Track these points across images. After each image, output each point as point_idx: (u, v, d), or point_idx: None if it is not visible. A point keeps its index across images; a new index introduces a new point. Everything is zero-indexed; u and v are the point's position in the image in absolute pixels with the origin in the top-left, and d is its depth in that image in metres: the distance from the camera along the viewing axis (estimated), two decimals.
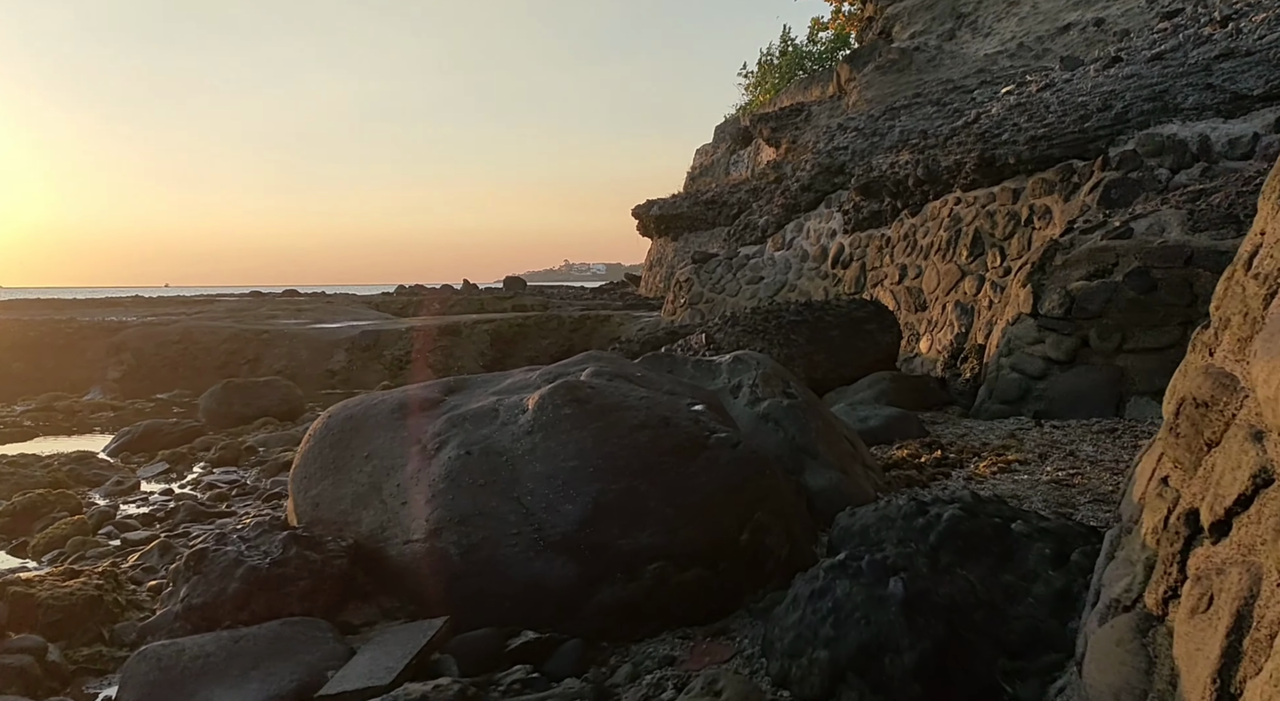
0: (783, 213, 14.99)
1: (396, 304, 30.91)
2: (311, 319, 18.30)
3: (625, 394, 4.33)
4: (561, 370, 4.77)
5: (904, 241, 12.37)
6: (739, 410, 5.49)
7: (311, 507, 4.33)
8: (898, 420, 6.80)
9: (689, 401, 4.64)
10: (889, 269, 12.53)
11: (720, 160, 40.46)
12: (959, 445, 6.31)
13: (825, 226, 14.26)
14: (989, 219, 10.68)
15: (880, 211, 13.00)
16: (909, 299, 11.90)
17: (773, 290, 14.37)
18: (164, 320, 16.75)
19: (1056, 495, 4.82)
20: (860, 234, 13.44)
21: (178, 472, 7.64)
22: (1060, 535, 3.48)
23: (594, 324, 16.74)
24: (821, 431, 5.38)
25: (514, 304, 30.71)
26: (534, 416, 4.08)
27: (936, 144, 11.88)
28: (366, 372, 15.54)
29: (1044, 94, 10.76)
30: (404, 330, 15.97)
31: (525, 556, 3.74)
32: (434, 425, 4.26)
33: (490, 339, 16.06)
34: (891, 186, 12.61)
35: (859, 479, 5.30)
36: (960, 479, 5.37)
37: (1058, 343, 7.31)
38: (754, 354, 6.00)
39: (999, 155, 10.63)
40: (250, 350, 15.61)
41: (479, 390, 4.74)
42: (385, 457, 4.26)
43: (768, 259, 14.91)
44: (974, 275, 10.70)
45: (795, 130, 26.70)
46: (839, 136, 14.68)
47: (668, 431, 4.14)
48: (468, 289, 47.82)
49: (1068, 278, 7.49)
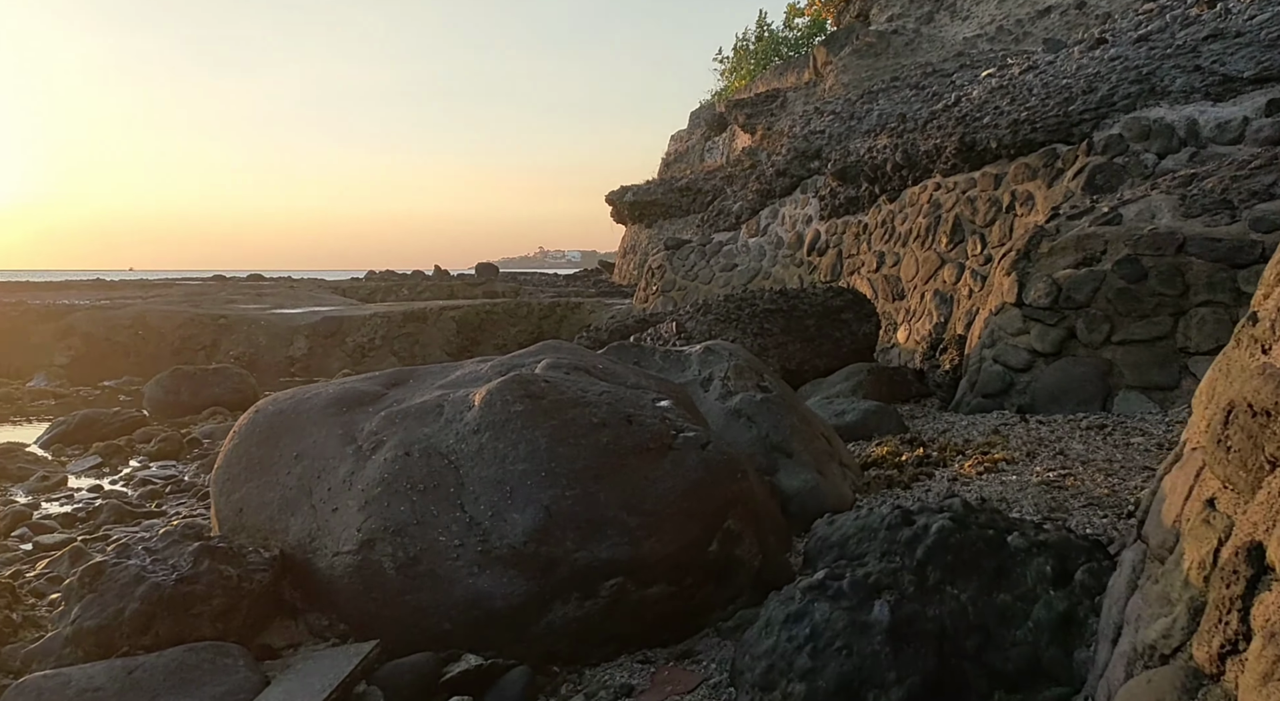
0: (757, 198, 14.62)
1: (365, 289, 30.30)
2: (273, 304, 17.75)
3: (584, 389, 3.94)
4: (515, 361, 4.37)
5: (882, 228, 12.04)
6: (710, 405, 5.12)
7: (235, 514, 3.91)
8: (876, 414, 6.46)
9: (654, 396, 4.26)
10: (866, 257, 12.21)
11: (695, 146, 40.06)
12: (941, 442, 5.97)
13: (801, 213, 13.91)
14: (969, 205, 10.36)
15: (857, 197, 12.66)
16: (886, 287, 11.58)
17: (746, 278, 14.01)
18: (117, 304, 16.15)
19: (1048, 498, 4.49)
20: (837, 220, 13.10)
21: (111, 467, 7.16)
22: (1061, 549, 3.14)
23: (565, 311, 16.32)
24: (797, 428, 5.02)
25: (485, 290, 30.20)
26: (481, 414, 3.69)
27: (915, 128, 11.54)
28: (328, 360, 15.05)
29: (1026, 76, 10.45)
30: (367, 316, 15.48)
31: (468, 571, 3.35)
32: (371, 422, 3.85)
33: (457, 326, 15.60)
34: (869, 171, 12.27)
35: (837, 479, 4.95)
36: (944, 480, 5.03)
37: (1043, 334, 7.00)
38: (726, 344, 5.63)
39: (980, 139, 10.31)
40: (206, 336, 15.07)
41: (425, 383, 4.33)
42: (317, 458, 3.84)
43: (742, 246, 14.54)
44: (954, 263, 10.38)
45: (771, 116, 26.34)
46: (815, 120, 14.32)
47: (630, 430, 3.76)
48: (439, 275, 47.19)
49: (1054, 266, 7.18)
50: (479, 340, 15.77)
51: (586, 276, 40.78)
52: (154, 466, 7.14)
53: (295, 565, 3.63)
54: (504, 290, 31.07)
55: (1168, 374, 6.40)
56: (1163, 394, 6.36)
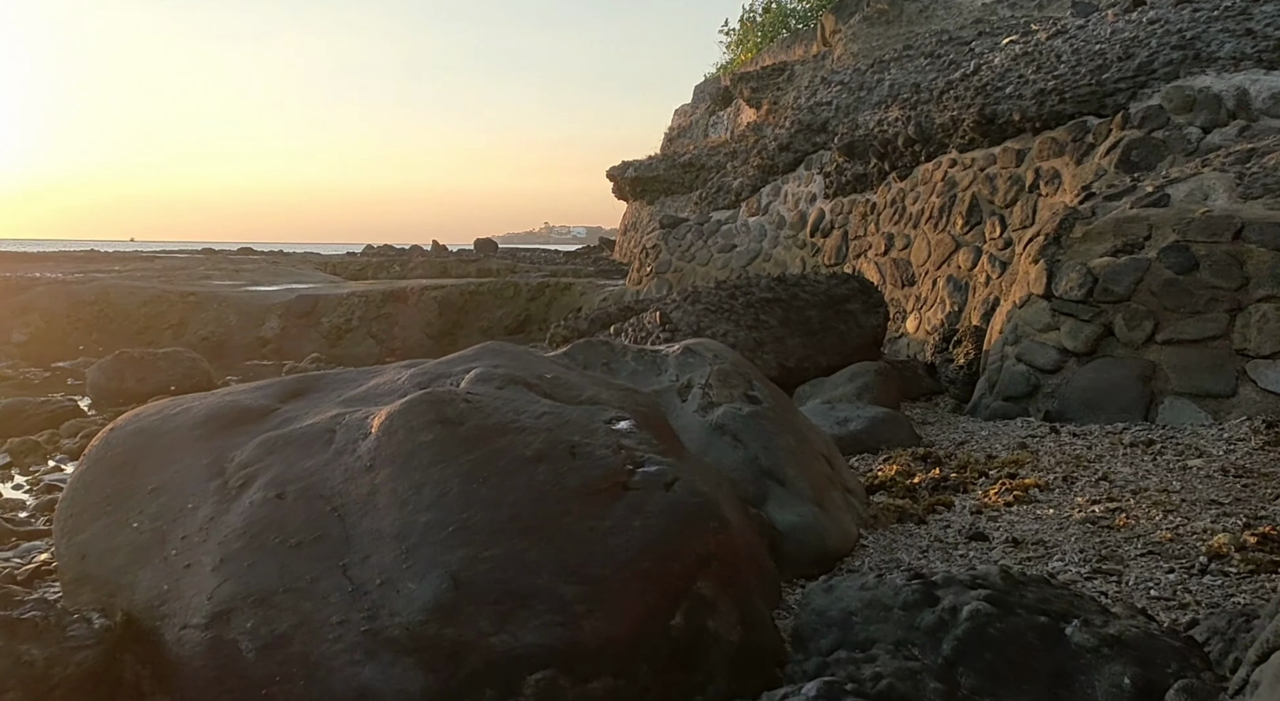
0: (758, 175, 13.72)
1: (355, 265, 29.45)
2: (249, 280, 16.91)
3: (519, 409, 3.11)
4: (441, 370, 3.53)
5: (891, 208, 11.16)
6: (687, 418, 4.29)
7: (78, 560, 3.09)
8: (884, 423, 5.63)
9: (612, 415, 3.43)
10: (874, 238, 11.33)
11: (699, 121, 39.04)
12: (959, 457, 5.14)
13: (805, 190, 13.02)
14: (988, 183, 9.48)
15: (865, 174, 11.77)
16: (895, 272, 10.71)
17: (746, 259, 13.15)
18: (81, 278, 15.32)
19: (1095, 542, 3.67)
20: (843, 199, 12.22)
21: (21, 468, 6.37)
22: (1143, 651, 2.31)
23: (554, 292, 15.47)
24: (792, 448, 4.19)
25: (479, 268, 29.34)
26: (379, 444, 2.86)
27: (930, 99, 10.64)
28: (302, 341, 14.24)
29: (1055, 42, 9.54)
30: (344, 295, 14.65)
31: (350, 658, 2.53)
32: (245, 450, 3.02)
33: (439, 307, 14.77)
34: (879, 146, 11.38)
35: (839, 511, 4.12)
36: (966, 511, 4.21)
37: (1075, 330, 6.15)
38: (710, 343, 4.79)
39: (1001, 111, 9.41)
40: (174, 314, 14.25)
41: (329, 396, 3.50)
42: (178, 494, 3.02)
43: (741, 225, 13.66)
44: (970, 247, 9.52)
45: (777, 90, 25.35)
46: (822, 91, 13.40)
47: (574, 465, 2.93)
48: (437, 250, 46.34)
49: (1089, 252, 6.32)
50: (463, 322, 14.94)
51: (587, 253, 39.93)
52: (70, 468, 6.34)
53: (143, 634, 2.81)
54: (499, 267, 30.19)
55: (1222, 380, 5.55)
56: (1216, 403, 5.52)
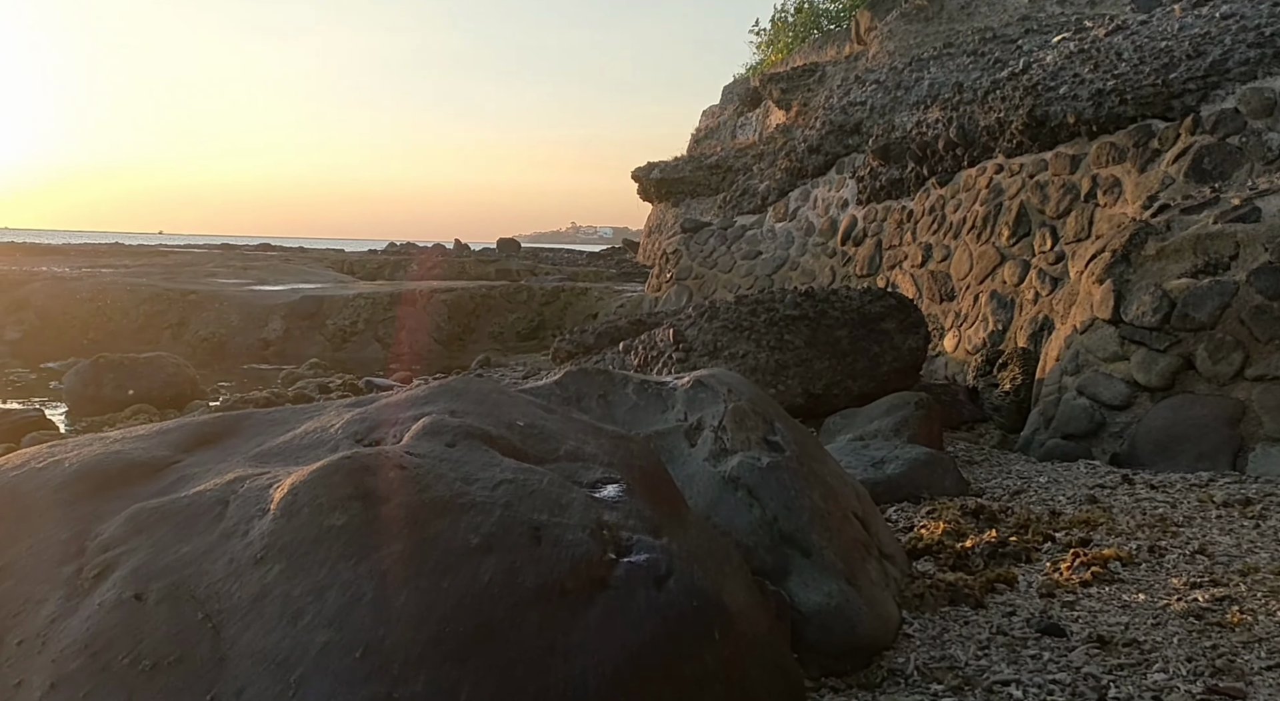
0: (787, 178, 12.97)
1: (372, 263, 28.86)
2: (255, 278, 16.35)
3: (471, 475, 2.39)
4: (386, 416, 2.83)
5: (929, 216, 10.38)
6: (695, 467, 3.57)
7: None
8: (927, 466, 4.87)
9: (596, 478, 2.72)
10: (910, 248, 10.55)
11: (727, 122, 38.32)
12: (1017, 512, 4.38)
13: (836, 195, 12.24)
14: (1038, 191, 8.68)
15: (902, 179, 10.99)
16: (933, 285, 9.93)
17: (771, 267, 12.39)
18: (79, 274, 14.80)
19: (1205, 647, 2.91)
20: (877, 205, 11.44)
21: None
22: None
23: (569, 297, 14.78)
24: (819, 509, 3.45)
25: (499, 268, 28.71)
26: (275, 527, 2.16)
27: (974, 99, 9.85)
28: (305, 344, 13.63)
29: (1114, 39, 8.73)
30: (350, 297, 14.04)
31: None
32: (112, 524, 2.33)
33: (449, 311, 14.12)
34: (917, 150, 10.59)
35: (875, 587, 3.38)
36: (1033, 592, 3.45)
37: (1148, 361, 5.37)
38: (725, 375, 4.06)
39: (1054, 112, 8.62)
40: (173, 313, 13.70)
41: (247, 443, 2.81)
42: (24, 579, 2.34)
43: (767, 231, 12.90)
44: (1016, 260, 8.73)
45: (808, 92, 24.56)
46: (855, 90, 12.62)
47: (537, 555, 2.22)
48: (458, 249, 45.91)
49: (1164, 272, 5.53)
50: (473, 327, 14.29)
51: (610, 255, 39.32)
52: None
53: None
54: (518, 268, 29.54)
55: None
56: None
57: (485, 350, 13.79)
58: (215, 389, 10.40)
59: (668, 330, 6.23)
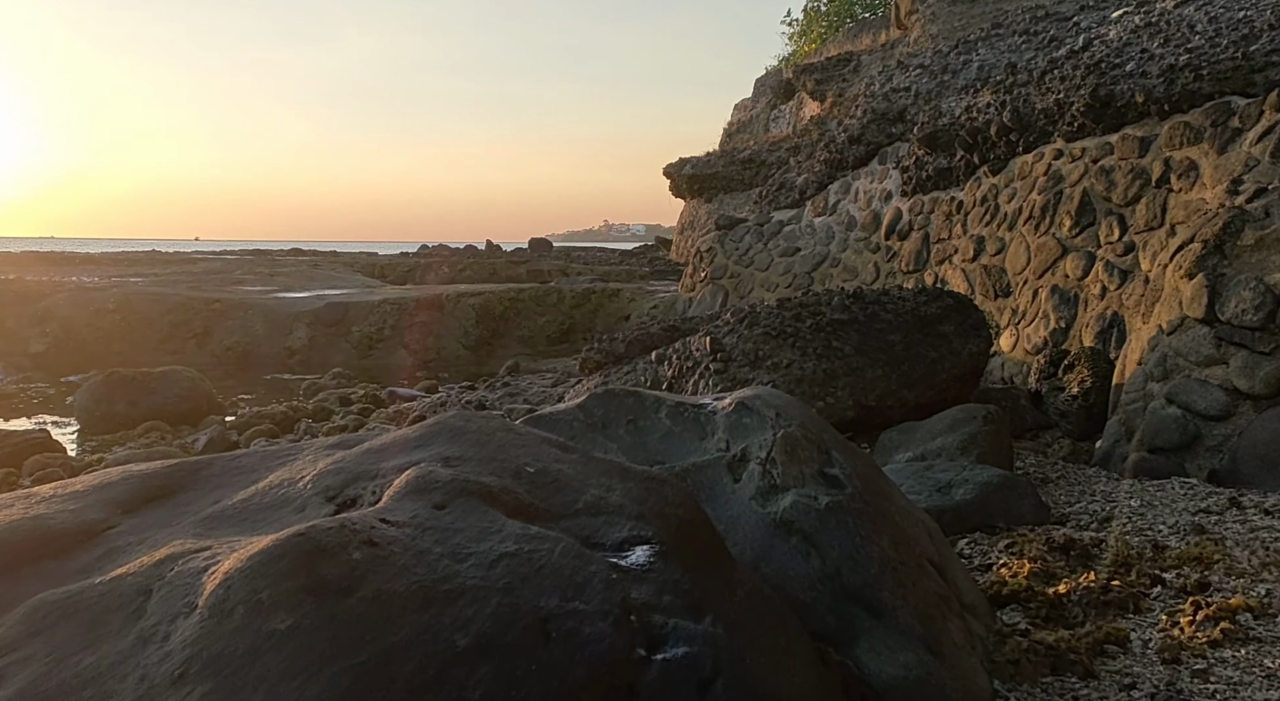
0: (825, 170, 12.36)
1: (403, 267, 28.57)
2: (281, 285, 16.03)
3: (462, 549, 1.89)
4: (366, 466, 2.32)
5: (981, 206, 9.74)
6: (740, 508, 3.04)
7: None
8: (1001, 491, 4.30)
9: (622, 538, 2.21)
10: (960, 242, 9.92)
11: (759, 116, 37.61)
12: (1113, 547, 3.80)
13: (878, 187, 11.62)
14: (1103, 177, 8.03)
15: (950, 168, 10.35)
16: (987, 281, 9.29)
17: (811, 264, 11.80)
18: (107, 284, 14.55)
19: None
20: (923, 197, 10.81)
21: None
22: None
23: (600, 299, 14.28)
24: (890, 559, 2.91)
25: (530, 269, 28.32)
26: (201, 632, 1.66)
27: (1029, 80, 9.19)
28: (331, 351, 13.26)
29: (1185, 10, 8.05)
30: (376, 302, 13.64)
31: None
32: (5, 623, 1.85)
33: (476, 316, 13.67)
34: (966, 136, 9.95)
35: (961, 654, 2.83)
36: (1151, 653, 2.88)
37: (1251, 365, 4.75)
38: (771, 395, 3.52)
39: (1120, 92, 7.96)
40: (198, 322, 13.38)
41: (201, 501, 2.32)
42: None
43: (805, 226, 12.31)
44: (1080, 252, 8.09)
45: (842, 82, 23.88)
46: (898, 76, 11.99)
47: (545, 658, 1.72)
48: (490, 250, 45.62)
49: (1265, 264, 4.91)
50: (502, 332, 13.84)
51: (643, 253, 38.84)
52: None
53: None
54: (549, 269, 29.12)
55: None
56: None
57: (514, 355, 13.34)
58: (235, 401, 10.03)
59: (704, 338, 5.70)
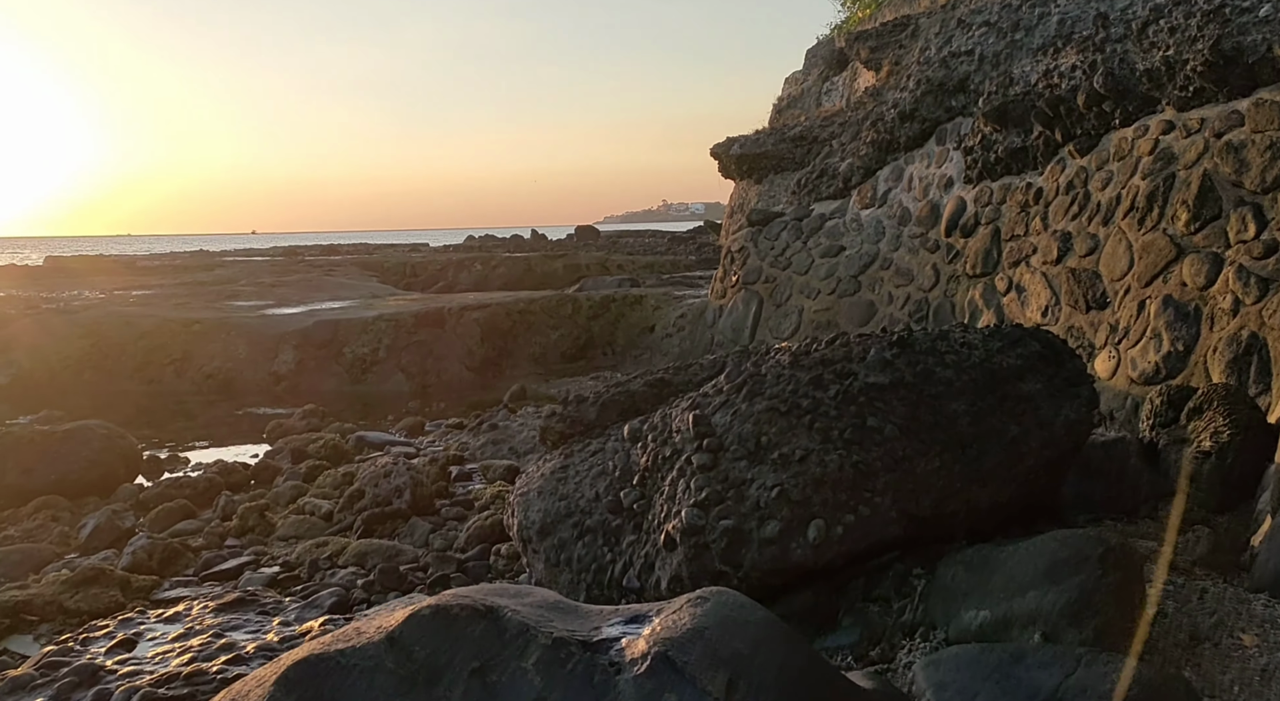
0: (873, 153, 10.53)
1: (434, 266, 27.14)
2: (277, 299, 14.70)
3: None
4: None
5: (1066, 195, 7.87)
6: None
7: None
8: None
9: None
10: (1040, 239, 8.05)
11: (811, 89, 35.36)
12: None
13: (936, 172, 9.76)
14: (1231, 156, 6.15)
15: (1025, 148, 8.47)
16: (1075, 288, 7.44)
17: (857, 267, 10.01)
18: (74, 306, 13.34)
19: None
20: (991, 184, 8.94)
21: None
22: None
23: (621, 308, 12.64)
24: None
25: (567, 263, 26.76)
26: None
27: (1127, 34, 7.28)
28: (321, 376, 11.87)
29: None
30: (370, 320, 12.20)
31: None
32: None
33: (481, 332, 12.16)
34: (1045, 108, 8.07)
35: None
36: None
37: None
38: (733, 622, 1.86)
39: (1251, 44, 6.06)
40: (175, 347, 12.11)
41: None
42: None
43: (851, 221, 10.50)
44: (1202, 253, 6.23)
45: (899, 48, 21.79)
46: (958, 37, 10.08)
47: None
48: (535, 240, 44.27)
49: None
50: (510, 350, 12.30)
51: (694, 238, 37.11)
52: None
53: None
54: (588, 262, 27.50)
55: None
56: None
57: (525, 375, 11.80)
58: (185, 448, 8.64)
59: (686, 414, 4.04)
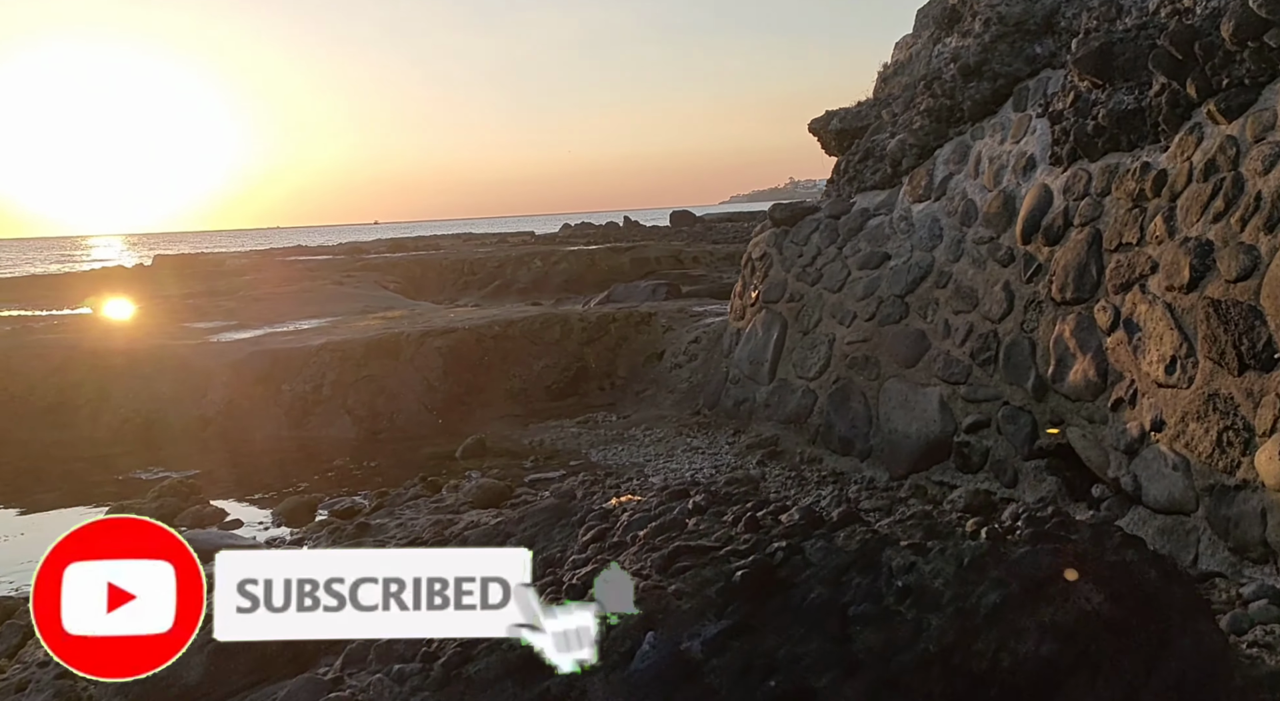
0: (929, 125, 7.66)
1: (492, 262, 24.98)
2: (238, 321, 12.75)
3: None
4: None
5: (1205, 183, 4.90)
6: None
7: None
8: None
9: None
10: (1162, 249, 5.10)
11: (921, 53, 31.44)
12: None
13: (1014, 149, 6.83)
14: None
15: (1140, 110, 5.51)
16: (1221, 332, 4.51)
17: (905, 284, 7.18)
18: None
19: None
20: (1089, 165, 5.98)
21: None
22: None
23: (624, 330, 10.09)
24: None
25: (634, 258, 24.24)
26: None
27: None
28: (256, 420, 9.79)
29: None
30: (314, 350, 10.04)
31: None
32: None
33: (444, 363, 9.84)
34: (1171, 50, 5.10)
35: None
36: None
37: None
38: None
39: None
40: (90, 385, 10.23)
41: None
42: None
43: (899, 218, 7.65)
44: None
45: None
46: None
47: None
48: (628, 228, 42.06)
49: None
50: (481, 385, 9.93)
51: None
52: None
53: None
54: (657, 255, 24.86)
55: None
56: None
57: (498, 418, 9.44)
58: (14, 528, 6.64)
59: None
